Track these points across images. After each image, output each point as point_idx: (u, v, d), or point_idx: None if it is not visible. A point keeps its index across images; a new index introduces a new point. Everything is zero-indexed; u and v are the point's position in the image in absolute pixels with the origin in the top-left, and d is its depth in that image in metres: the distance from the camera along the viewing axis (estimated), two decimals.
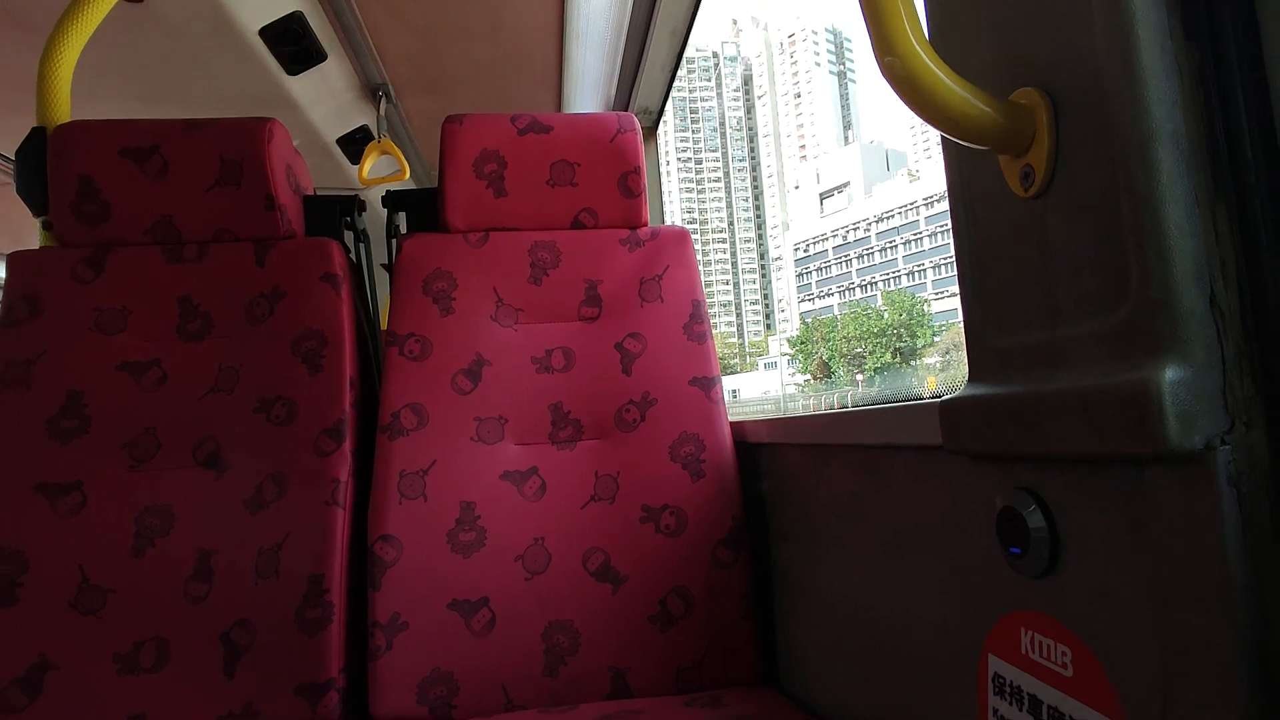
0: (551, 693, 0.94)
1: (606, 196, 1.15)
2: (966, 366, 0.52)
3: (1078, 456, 0.41)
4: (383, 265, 1.32)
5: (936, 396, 0.55)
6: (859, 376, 59.84)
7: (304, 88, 1.63)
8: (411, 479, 0.98)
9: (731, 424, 1.08)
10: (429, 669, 0.92)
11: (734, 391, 73.18)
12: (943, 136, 0.49)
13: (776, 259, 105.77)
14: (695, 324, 1.12)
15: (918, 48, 0.42)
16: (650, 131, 1.89)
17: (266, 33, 1.42)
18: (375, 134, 1.90)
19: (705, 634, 0.98)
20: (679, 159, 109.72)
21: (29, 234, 1.19)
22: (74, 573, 0.91)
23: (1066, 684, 0.42)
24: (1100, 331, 0.40)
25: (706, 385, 1.08)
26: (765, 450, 1.02)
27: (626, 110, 1.80)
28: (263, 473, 0.97)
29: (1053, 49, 0.43)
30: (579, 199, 1.14)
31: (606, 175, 1.14)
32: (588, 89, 1.85)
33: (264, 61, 1.48)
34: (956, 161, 0.52)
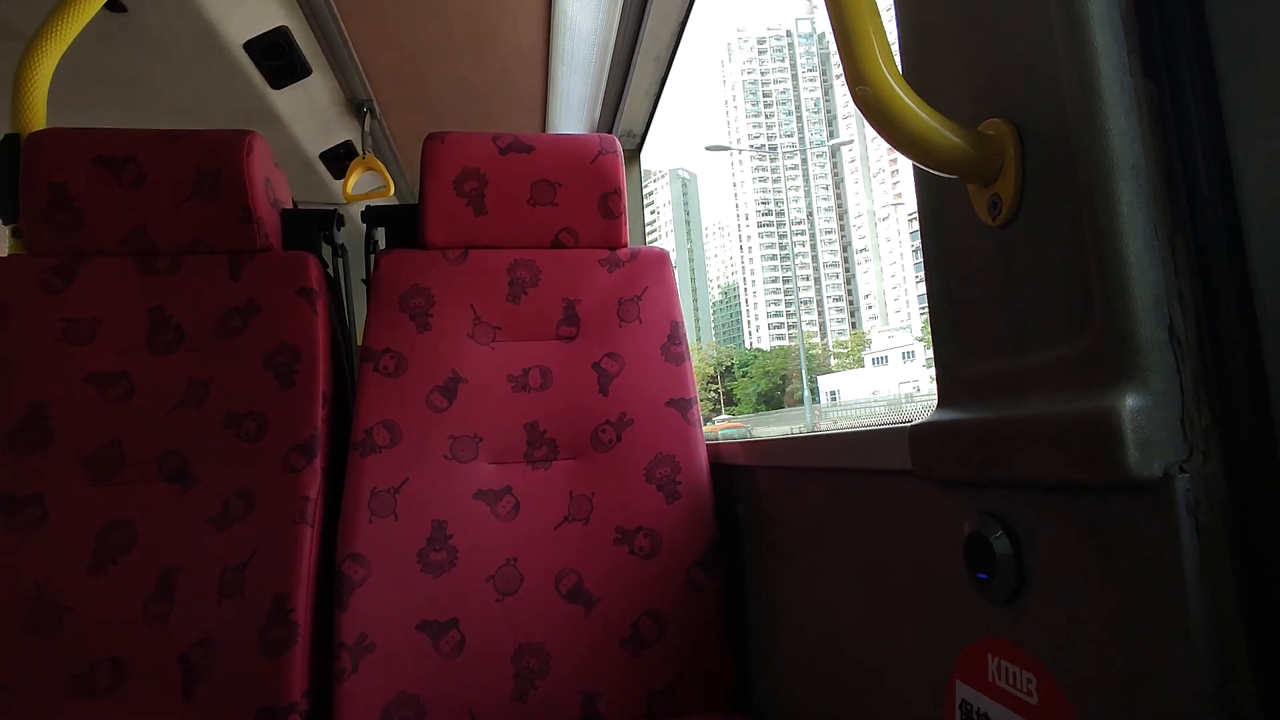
0: (521, 717, 0.92)
1: (587, 217, 1.15)
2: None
3: (1043, 483, 0.41)
4: (361, 281, 1.31)
5: None
6: None
7: (288, 102, 1.63)
8: (383, 497, 0.97)
9: (708, 446, 1.08)
10: (395, 692, 0.90)
11: (833, 393, 59.81)
12: (914, 165, 0.50)
13: (862, 250, 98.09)
14: (673, 345, 1.12)
15: (889, 78, 0.43)
16: (634, 154, 1.91)
17: (251, 46, 1.42)
18: (359, 150, 1.90)
19: (678, 658, 0.97)
20: (751, 145, 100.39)
21: None
22: (29, 590, 0.88)
23: (1031, 711, 0.42)
24: (1064, 359, 0.41)
25: (684, 406, 1.08)
26: (740, 473, 1.02)
27: (610, 134, 1.82)
28: (230, 489, 0.95)
29: (1019, 82, 0.44)
30: (559, 219, 1.15)
31: (587, 196, 1.15)
32: (572, 112, 1.87)
33: (248, 75, 1.48)
34: (927, 190, 0.53)
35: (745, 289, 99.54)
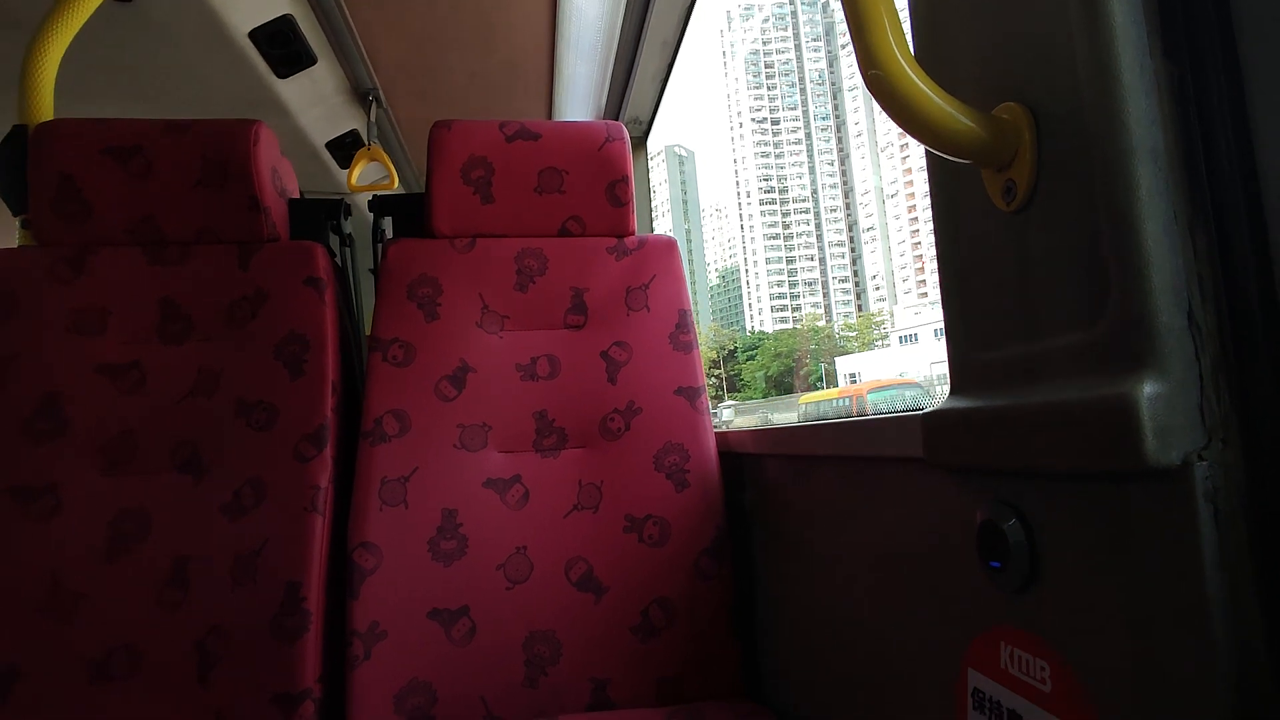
0: (531, 703, 0.93)
1: (594, 205, 1.15)
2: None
3: (1057, 471, 0.41)
4: (369, 270, 1.31)
5: None
6: None
7: (293, 91, 1.62)
8: (393, 486, 0.97)
9: (716, 434, 1.08)
10: (407, 679, 0.91)
11: (852, 375, 54.48)
12: (926, 150, 0.49)
13: (869, 229, 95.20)
14: (681, 333, 1.12)
15: (902, 61, 0.42)
16: (640, 141, 1.90)
17: (256, 35, 1.42)
18: (365, 139, 1.90)
19: (687, 645, 0.97)
20: (753, 119, 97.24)
21: (7, 233, 1.18)
22: (46, 578, 0.89)
23: (1045, 699, 0.42)
24: (1080, 346, 0.40)
25: (692, 395, 1.08)
26: (750, 461, 1.02)
27: (617, 120, 1.81)
28: (242, 478, 0.95)
29: (1035, 64, 0.43)
30: (566, 206, 1.14)
31: (594, 183, 1.14)
32: (578, 99, 1.86)
33: (253, 64, 1.48)
34: (940, 175, 0.53)
35: (746, 270, 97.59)
